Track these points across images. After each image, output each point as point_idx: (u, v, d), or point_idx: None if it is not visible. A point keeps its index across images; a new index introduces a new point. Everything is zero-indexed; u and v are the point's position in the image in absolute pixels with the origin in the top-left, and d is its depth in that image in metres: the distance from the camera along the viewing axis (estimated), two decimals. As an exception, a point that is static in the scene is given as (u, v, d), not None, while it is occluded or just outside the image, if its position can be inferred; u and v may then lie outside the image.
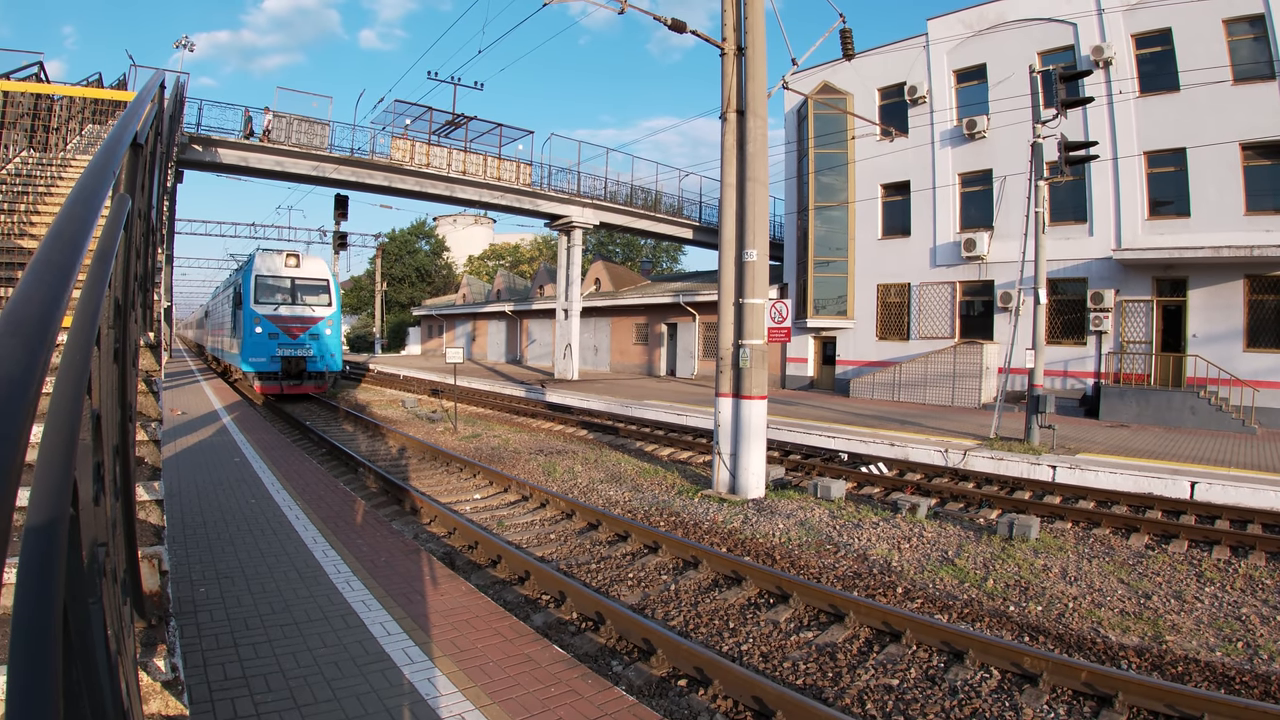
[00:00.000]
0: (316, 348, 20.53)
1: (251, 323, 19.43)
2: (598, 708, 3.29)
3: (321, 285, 21.31)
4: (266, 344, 19.58)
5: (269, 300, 20.01)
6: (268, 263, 20.70)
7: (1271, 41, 16.64)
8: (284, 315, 20.03)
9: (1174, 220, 18.09)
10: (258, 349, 19.51)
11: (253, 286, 19.87)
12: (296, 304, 20.48)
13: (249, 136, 21.86)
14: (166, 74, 7.55)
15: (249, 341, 19.46)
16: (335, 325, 21.32)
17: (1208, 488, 9.73)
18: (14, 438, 0.81)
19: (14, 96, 9.43)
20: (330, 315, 21.06)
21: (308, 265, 21.28)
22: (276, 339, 19.67)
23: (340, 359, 21.83)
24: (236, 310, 21.11)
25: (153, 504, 3.18)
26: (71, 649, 1.05)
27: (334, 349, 21.18)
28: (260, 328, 19.44)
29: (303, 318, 20.39)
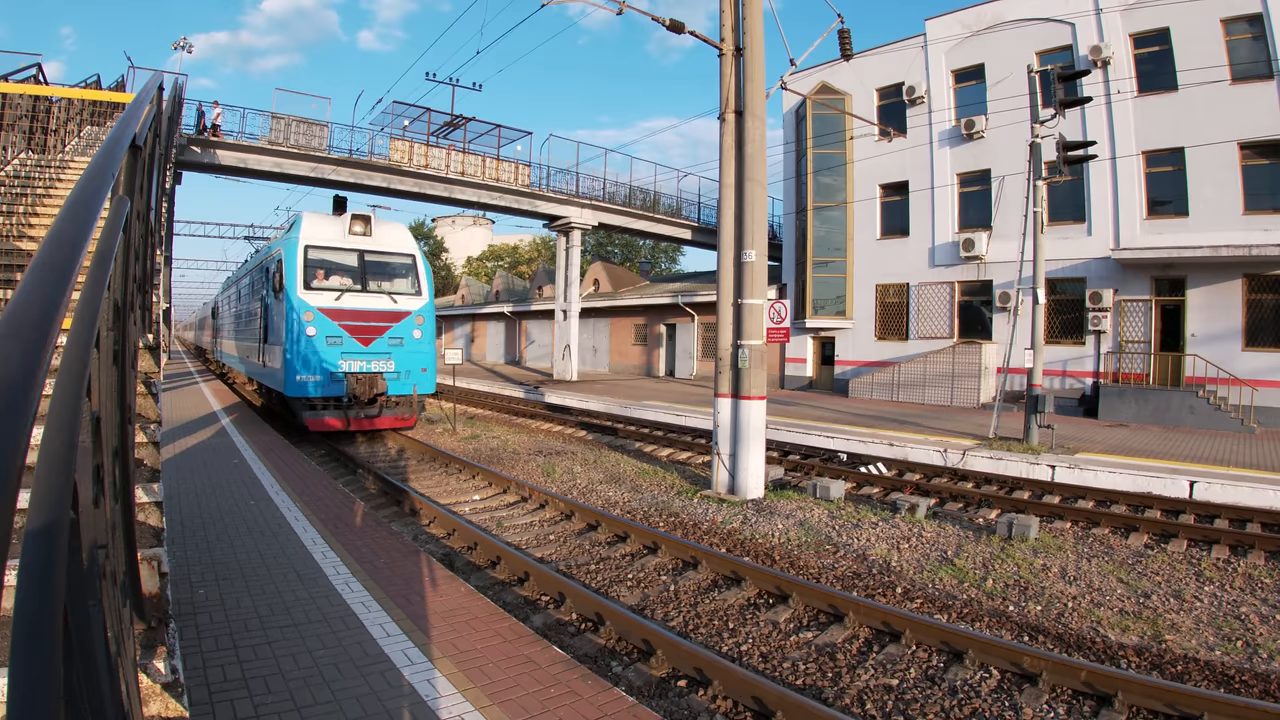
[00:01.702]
0: (400, 360, 13.24)
1: (298, 321, 12.34)
2: (598, 708, 3.29)
3: (404, 263, 13.96)
4: (322, 354, 12.42)
5: (325, 286, 12.93)
6: (321, 229, 13.34)
7: (1269, 41, 16.66)
8: (350, 310, 12.85)
9: (1172, 220, 18.11)
10: (309, 362, 12.29)
11: (300, 264, 12.56)
12: (368, 291, 13.29)
13: (200, 132, 19.99)
14: (165, 75, 7.55)
15: (295, 350, 12.28)
16: (428, 326, 13.78)
17: (1207, 487, 9.74)
18: (15, 440, 0.81)
19: (12, 98, 9.42)
20: (420, 309, 13.69)
21: (383, 233, 13.92)
22: (339, 345, 12.57)
23: (434, 375, 13.99)
24: (271, 302, 13.63)
25: (152, 506, 3.18)
26: (71, 651, 1.05)
27: (426, 361, 13.68)
28: (314, 328, 12.33)
29: (379, 313, 13.22)
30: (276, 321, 13.05)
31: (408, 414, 13.61)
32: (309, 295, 12.49)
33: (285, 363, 12.33)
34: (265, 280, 14.48)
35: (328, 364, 12.36)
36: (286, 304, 12.45)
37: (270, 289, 13.79)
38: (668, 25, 9.64)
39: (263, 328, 14.55)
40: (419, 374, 13.48)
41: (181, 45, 27.00)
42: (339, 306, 12.69)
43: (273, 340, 13.36)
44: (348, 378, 12.62)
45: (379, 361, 13.01)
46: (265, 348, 14.34)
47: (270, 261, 14.17)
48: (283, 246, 13.28)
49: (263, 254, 16.21)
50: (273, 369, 13.38)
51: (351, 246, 13.37)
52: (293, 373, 12.23)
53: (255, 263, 17.09)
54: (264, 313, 14.52)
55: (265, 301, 14.40)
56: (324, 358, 12.34)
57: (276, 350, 13.01)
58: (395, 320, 13.32)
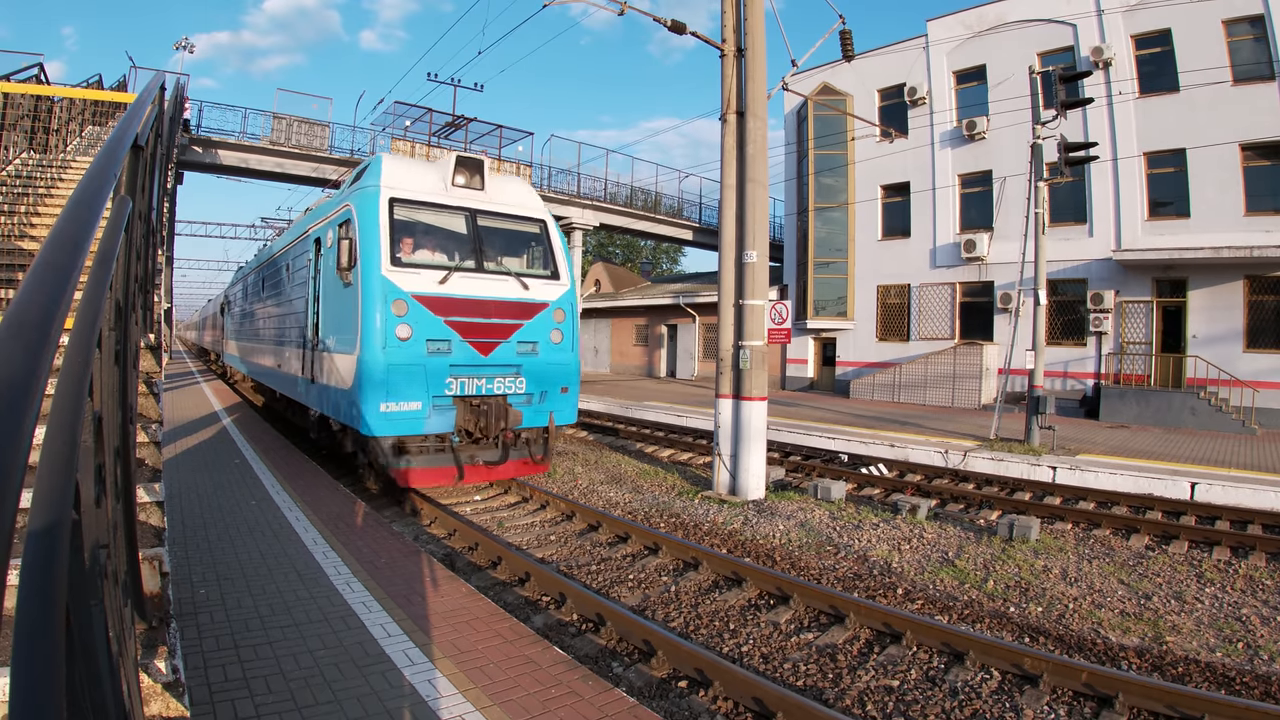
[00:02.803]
0: (534, 375, 8.88)
1: (383, 315, 7.85)
2: (598, 709, 3.29)
3: (533, 230, 9.52)
4: (425, 368, 8.04)
5: (423, 262, 8.42)
6: (410, 175, 8.79)
7: (1271, 42, 16.65)
8: (462, 299, 8.38)
9: (1174, 221, 18.11)
10: (402, 381, 7.90)
11: (384, 225, 8.12)
12: (486, 271, 8.75)
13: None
14: (167, 75, 7.57)
15: (378, 362, 7.78)
16: (570, 324, 9.27)
17: (1208, 488, 9.73)
18: (17, 440, 0.81)
19: (14, 98, 9.44)
20: (560, 300, 9.18)
21: (501, 187, 9.43)
22: (445, 354, 8.17)
23: (577, 397, 9.50)
24: (330, 287, 9.02)
25: (153, 506, 3.19)
26: (73, 650, 1.05)
27: (567, 376, 9.23)
28: (409, 327, 7.97)
29: (504, 305, 8.68)
30: (342, 316, 8.23)
31: (539, 454, 8.99)
32: (399, 275, 7.76)
33: (361, 382, 7.55)
34: (315, 256, 9.68)
35: (432, 384, 7.81)
36: (363, 289, 7.69)
37: (328, 267, 8.89)
38: (669, 26, 9.65)
39: (312, 326, 9.61)
40: (558, 396, 8.84)
41: (183, 45, 27.06)
42: (445, 294, 7.99)
43: (335, 345, 8.42)
44: (459, 405, 8.07)
45: (505, 379, 8.40)
46: (316, 357, 9.19)
47: (325, 227, 9.23)
48: (352, 200, 8.35)
49: (311, 218, 10.93)
50: (334, 390, 8.33)
51: (457, 203, 8.64)
52: (375, 398, 7.51)
53: (295, 233, 11.68)
54: (316, 304, 9.50)
55: (317, 288, 9.47)
56: (427, 374, 7.78)
57: (341, 362, 8.11)
58: (526, 315, 8.60)
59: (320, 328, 9.31)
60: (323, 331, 9.17)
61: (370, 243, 7.90)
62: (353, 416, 7.88)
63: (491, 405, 8.23)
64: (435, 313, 8.02)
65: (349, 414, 8.00)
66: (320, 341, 9.22)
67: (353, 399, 7.83)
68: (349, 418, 8.02)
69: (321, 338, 9.19)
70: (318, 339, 9.35)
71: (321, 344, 9.14)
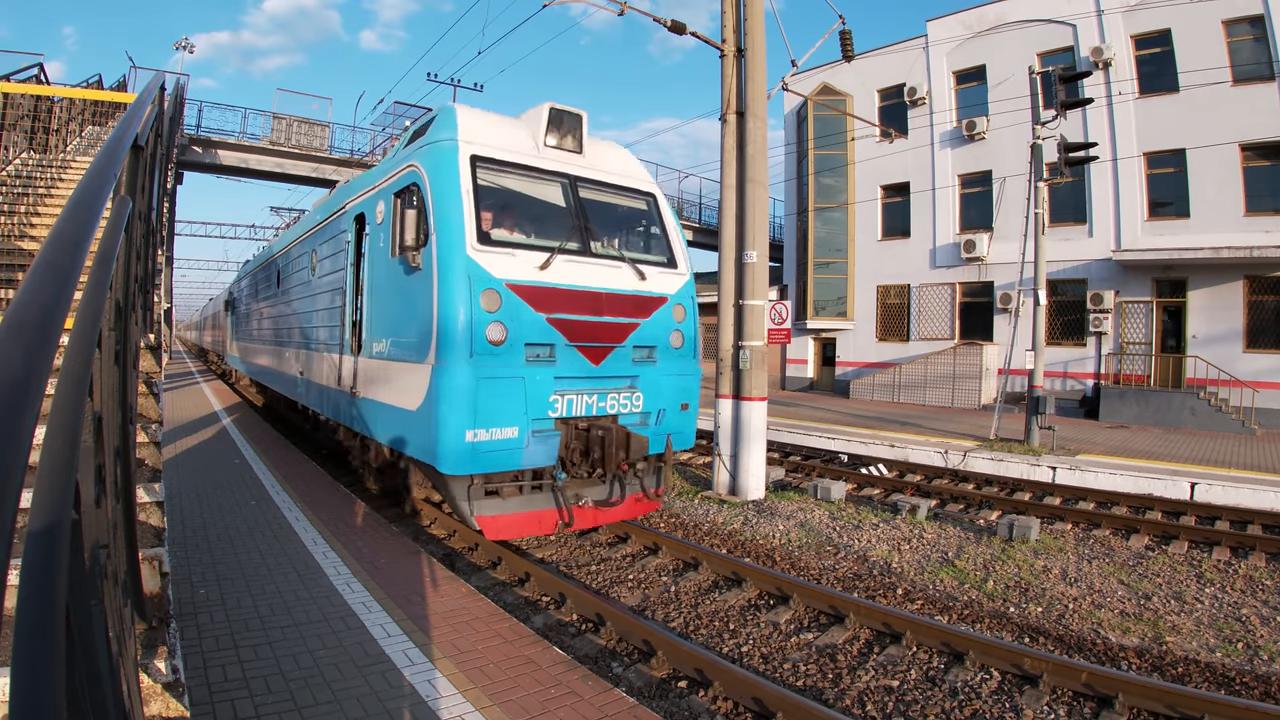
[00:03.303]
0: (652, 390, 6.90)
1: (469, 310, 5.69)
2: (598, 709, 3.29)
3: (641, 206, 7.59)
4: (522, 380, 5.94)
5: (515, 242, 6.31)
6: (493, 131, 6.66)
7: (1271, 42, 16.66)
8: (566, 290, 6.28)
9: (1174, 221, 18.11)
10: (498, 399, 5.79)
11: (468, 190, 6.00)
12: (594, 255, 6.65)
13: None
14: (166, 76, 7.57)
15: (462, 375, 5.61)
16: (690, 324, 7.42)
17: (1208, 489, 9.73)
18: (17, 440, 0.81)
19: (14, 98, 9.44)
20: (679, 294, 7.27)
21: (598, 151, 7.41)
22: (549, 363, 6.14)
23: (697, 413, 7.51)
24: (392, 272, 6.66)
25: (153, 506, 3.19)
26: (73, 651, 1.05)
27: (687, 390, 7.30)
28: (501, 328, 5.83)
29: (617, 298, 6.64)
30: (404, 312, 6.33)
31: (653, 486, 7.19)
32: (489, 258, 5.82)
33: (437, 401, 5.63)
34: (357, 237, 7.68)
35: (533, 403, 5.94)
36: (440, 275, 5.76)
37: (378, 249, 6.96)
38: (669, 26, 9.65)
39: (351, 326, 7.66)
40: (677, 414, 7.04)
41: (183, 45, 27.05)
42: (547, 283, 6.10)
43: (392, 349, 6.50)
44: (565, 429, 6.21)
45: (619, 394, 6.54)
46: (361, 366, 7.21)
47: (373, 198, 7.28)
48: (420, 159, 6.34)
49: (345, 191, 8.74)
50: (391, 411, 6.44)
51: (553, 167, 6.72)
52: (457, 423, 5.59)
53: (324, 211, 9.41)
54: (359, 297, 7.48)
55: (360, 276, 7.44)
56: (527, 390, 5.91)
57: (404, 374, 6.19)
58: (643, 313, 6.75)
59: (366, 327, 7.15)
60: (370, 332, 7.04)
61: (449, 213, 5.81)
62: (422, 447, 5.78)
63: (610, 431, 6.12)
64: (536, 308, 5.96)
65: (417, 443, 5.89)
66: (365, 345, 7.12)
67: (423, 424, 5.73)
68: (417, 448, 5.90)
69: (368, 340, 7.07)
70: (360, 341, 7.32)
71: (367, 348, 7.05)
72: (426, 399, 5.77)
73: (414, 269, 6.10)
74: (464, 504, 6.09)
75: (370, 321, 7.14)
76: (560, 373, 6.14)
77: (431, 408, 5.69)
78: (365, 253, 7.40)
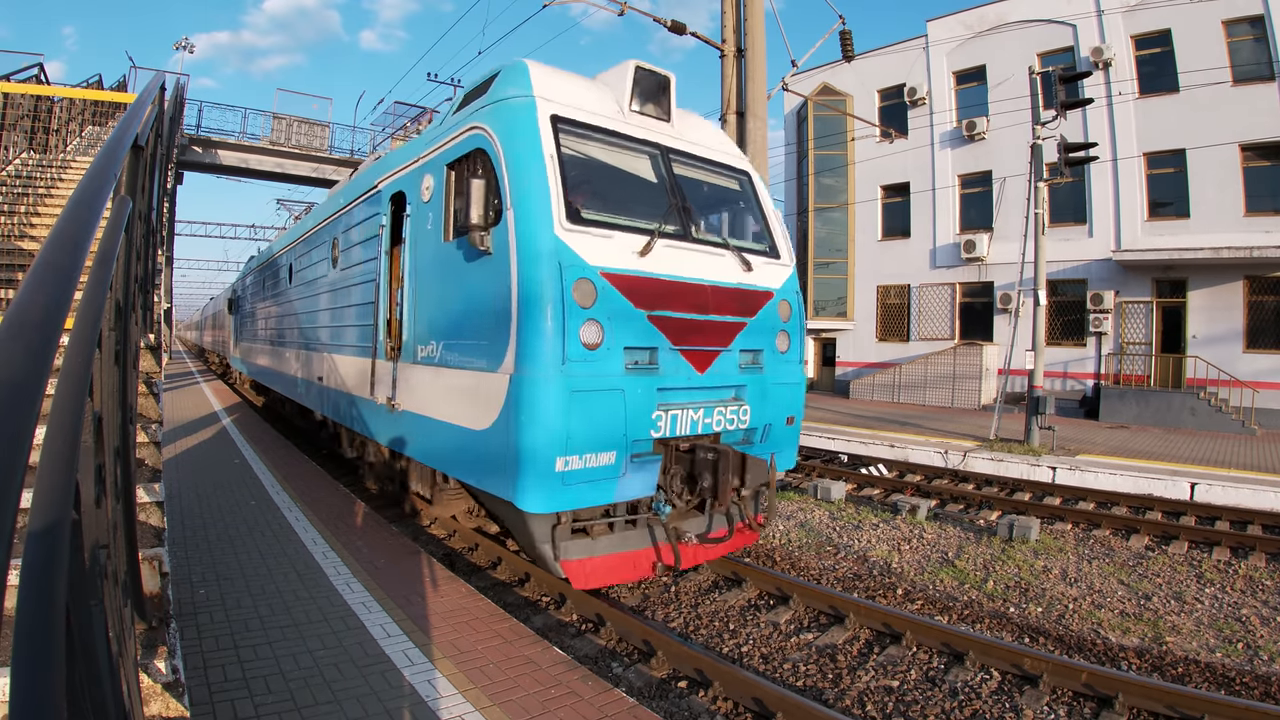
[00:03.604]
0: (760, 401, 5.65)
1: (560, 303, 4.49)
2: (598, 709, 3.29)
3: (734, 186, 6.40)
4: (621, 394, 4.73)
5: (609, 221, 4.96)
6: (569, 89, 5.38)
7: (1271, 43, 16.67)
8: (669, 281, 5.07)
9: (1173, 221, 18.12)
10: (593, 416, 4.60)
11: (552, 156, 4.78)
12: (692, 240, 5.39)
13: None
14: (167, 76, 7.57)
15: (551, 387, 4.42)
16: (796, 323, 6.08)
17: (1207, 489, 9.73)
18: (18, 440, 0.81)
19: (14, 98, 9.44)
20: (784, 289, 6.00)
21: (686, 122, 6.14)
22: (652, 371, 4.92)
23: (800, 426, 6.31)
24: (447, 260, 5.47)
25: (153, 506, 3.19)
26: (73, 650, 1.05)
27: (793, 401, 6.01)
28: (598, 327, 4.64)
29: (723, 292, 5.44)
30: (469, 307, 5.22)
31: (754, 513, 6.07)
32: (580, 240, 4.75)
33: (518, 419, 4.56)
34: (394, 220, 6.74)
35: (633, 421, 4.87)
36: (521, 260, 4.66)
37: (423, 232, 5.92)
38: (669, 26, 9.65)
39: (385, 325, 6.76)
40: (783, 429, 5.99)
41: (183, 45, 27.06)
42: (647, 273, 5.04)
43: (447, 353, 5.45)
44: (668, 451, 5.21)
45: (725, 408, 5.46)
46: (403, 373, 6.19)
47: (417, 171, 6.18)
48: (487, 120, 5.22)
49: (378, 169, 7.42)
50: (449, 430, 5.36)
51: (642, 136, 5.64)
52: (544, 448, 4.51)
53: (349, 194, 8.18)
54: (399, 289, 6.57)
55: (404, 265, 6.28)
56: (627, 405, 4.84)
57: (468, 384, 5.11)
58: (750, 310, 5.68)
59: (409, 327, 6.02)
60: (415, 332, 5.90)
61: (530, 184, 4.67)
62: (493, 476, 4.72)
63: (725, 455, 4.97)
64: (636, 303, 4.84)
65: (485, 471, 4.83)
66: (408, 348, 6.01)
67: (496, 448, 4.65)
68: (485, 477, 4.84)
69: (411, 342, 5.96)
70: (400, 344, 6.23)
71: (409, 351, 5.98)
72: (502, 417, 4.60)
73: (480, 254, 4.94)
74: (546, 547, 4.86)
75: (415, 319, 5.96)
76: (664, 383, 4.98)
77: (509, 428, 4.52)
78: (406, 238, 6.22)
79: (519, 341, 4.54)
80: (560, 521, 4.97)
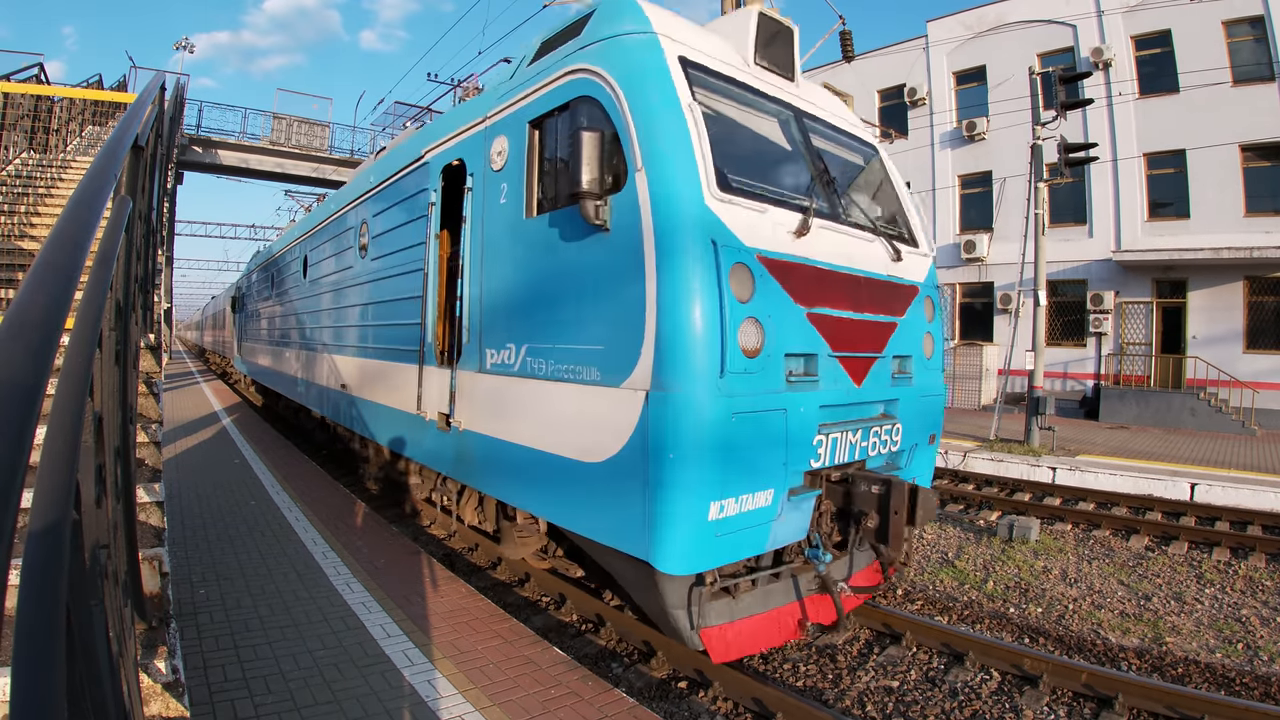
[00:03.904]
0: (910, 413, 4.83)
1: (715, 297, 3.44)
2: (598, 710, 3.29)
3: (860, 162, 5.47)
4: (783, 414, 3.75)
5: (758, 190, 3.99)
6: (688, 32, 4.30)
7: (1271, 43, 16.67)
8: (827, 271, 4.15)
9: (1174, 222, 18.12)
10: (753, 445, 3.59)
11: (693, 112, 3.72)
12: (838, 219, 4.49)
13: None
14: (167, 75, 7.58)
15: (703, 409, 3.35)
16: (939, 321, 5.34)
17: (1208, 489, 9.73)
18: (18, 440, 0.81)
19: (14, 98, 9.45)
20: (928, 284, 5.22)
21: (808, 86, 5.25)
22: (812, 384, 3.97)
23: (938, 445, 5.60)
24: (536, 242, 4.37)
25: (153, 506, 3.19)
26: (74, 650, 1.05)
27: (937, 415, 5.43)
28: (758, 328, 3.63)
29: (876, 285, 4.57)
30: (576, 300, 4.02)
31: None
32: (732, 213, 3.67)
33: (658, 451, 3.39)
34: (441, 198, 5.81)
35: (794, 449, 3.89)
36: (660, 236, 3.51)
37: (496, 210, 4.85)
38: (669, 26, 9.62)
39: (434, 324, 5.78)
40: (925, 449, 5.26)
41: (183, 45, 27.07)
42: (805, 259, 4.06)
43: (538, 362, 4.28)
44: (826, 484, 4.27)
45: (880, 428, 4.59)
46: (464, 383, 5.10)
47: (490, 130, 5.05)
48: (596, 60, 4.09)
49: (435, 132, 6.13)
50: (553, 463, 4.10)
51: (774, 94, 4.75)
52: (695, 491, 3.40)
53: (396, 163, 6.83)
54: (458, 282, 5.29)
55: (466, 250, 5.18)
56: (789, 428, 3.82)
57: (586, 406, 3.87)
58: (899, 308, 4.84)
59: (474, 327, 4.94)
60: (484, 333, 4.82)
61: (669, 138, 3.63)
62: (615, 527, 3.70)
63: (895, 486, 4.07)
64: (795, 297, 3.89)
65: (603, 519, 3.79)
66: (474, 353, 4.91)
67: (622, 489, 3.59)
68: (605, 529, 3.79)
69: (476, 346, 4.89)
70: (460, 347, 5.12)
71: (476, 358, 4.87)
72: (632, 447, 3.49)
73: (591, 230, 3.82)
74: (682, 614, 3.73)
75: (482, 317, 4.84)
76: (825, 398, 4.05)
77: (644, 462, 3.42)
78: (468, 216, 5.12)
79: (660, 347, 3.42)
80: (703, 581, 3.77)
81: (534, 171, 4.52)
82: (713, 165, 3.65)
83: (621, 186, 3.73)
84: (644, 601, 4.05)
